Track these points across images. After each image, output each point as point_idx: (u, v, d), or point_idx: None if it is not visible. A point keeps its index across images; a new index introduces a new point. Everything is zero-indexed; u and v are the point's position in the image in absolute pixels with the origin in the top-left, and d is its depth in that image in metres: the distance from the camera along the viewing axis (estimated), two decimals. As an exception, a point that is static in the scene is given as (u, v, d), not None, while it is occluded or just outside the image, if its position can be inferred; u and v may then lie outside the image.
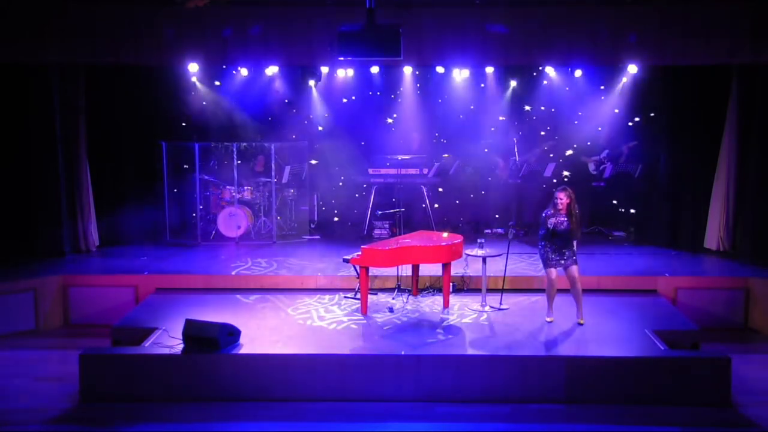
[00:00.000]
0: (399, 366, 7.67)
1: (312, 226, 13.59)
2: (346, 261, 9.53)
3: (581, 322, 8.69)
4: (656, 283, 10.13)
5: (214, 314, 8.63)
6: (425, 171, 13.49)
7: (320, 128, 13.84)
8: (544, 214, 8.65)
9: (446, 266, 9.32)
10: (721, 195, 11.63)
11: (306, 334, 8.46)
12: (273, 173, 12.77)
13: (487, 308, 9.30)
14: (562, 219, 8.55)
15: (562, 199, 8.57)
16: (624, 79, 12.72)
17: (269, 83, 13.38)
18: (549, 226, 8.54)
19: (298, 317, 9.08)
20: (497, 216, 13.51)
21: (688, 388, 7.50)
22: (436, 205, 13.28)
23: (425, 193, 13.16)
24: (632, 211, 12.73)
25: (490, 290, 9.52)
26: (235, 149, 12.64)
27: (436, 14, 10.44)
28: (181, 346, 7.90)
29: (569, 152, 13.29)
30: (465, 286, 10.08)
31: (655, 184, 12.42)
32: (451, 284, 9.57)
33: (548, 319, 8.79)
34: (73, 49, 10.36)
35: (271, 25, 10.49)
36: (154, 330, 8.45)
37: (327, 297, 9.89)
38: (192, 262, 11.26)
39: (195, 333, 7.86)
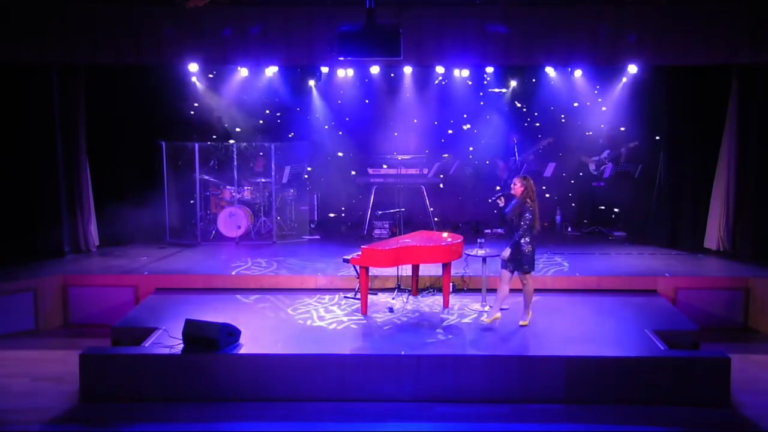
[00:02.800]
0: (399, 366, 7.67)
1: (312, 226, 13.59)
2: (346, 261, 9.53)
3: (486, 319, 8.62)
4: (656, 283, 10.12)
5: (214, 314, 8.63)
6: (425, 171, 13.50)
7: (325, 128, 13.85)
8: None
9: (446, 266, 9.33)
10: (721, 195, 11.63)
11: (306, 334, 8.46)
12: (273, 173, 12.77)
13: (487, 308, 9.30)
14: (511, 202, 8.44)
15: (516, 184, 8.46)
16: (624, 79, 12.73)
17: (269, 83, 13.38)
18: (499, 202, 8.46)
19: (298, 317, 9.08)
20: (497, 216, 13.52)
21: (688, 388, 7.50)
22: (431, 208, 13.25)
23: (425, 193, 13.17)
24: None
25: (490, 290, 9.51)
26: (235, 149, 12.65)
27: (436, 14, 10.43)
28: (181, 346, 7.90)
29: (547, 141, 13.32)
30: (465, 286, 10.08)
31: (655, 184, 12.42)
32: (451, 284, 9.57)
33: (487, 320, 8.63)
34: (73, 49, 10.35)
35: (271, 25, 10.47)
36: (154, 330, 8.45)
37: (327, 297, 9.89)
38: (192, 262, 11.26)
39: (195, 333, 7.86)
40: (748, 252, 11.26)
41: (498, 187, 8.47)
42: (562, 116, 13.49)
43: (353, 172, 13.76)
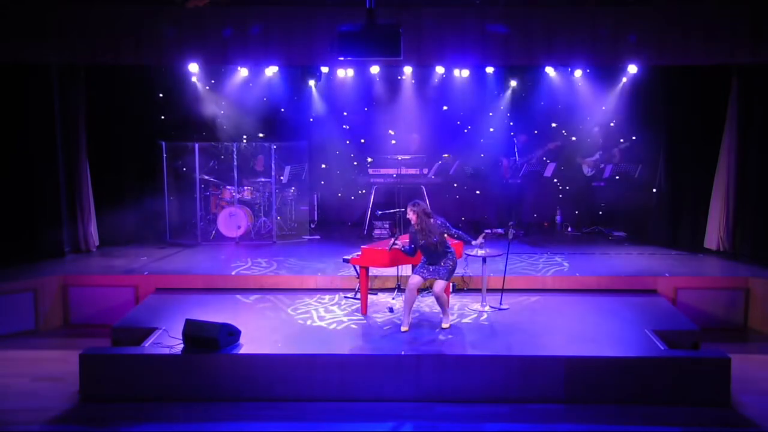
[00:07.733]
0: (399, 366, 7.66)
1: (312, 226, 13.60)
2: (346, 261, 9.52)
3: (444, 326, 8.54)
4: (656, 283, 10.12)
5: (214, 314, 8.62)
6: (425, 171, 13.51)
7: (325, 128, 13.86)
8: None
9: (446, 266, 9.31)
10: (721, 195, 11.62)
11: (306, 334, 8.46)
12: (273, 173, 12.76)
13: (487, 308, 9.30)
14: (421, 235, 8.44)
15: (409, 215, 8.52)
16: (624, 79, 12.73)
17: (269, 83, 13.38)
18: (398, 244, 8.56)
19: (298, 317, 9.08)
20: (497, 216, 13.53)
21: (688, 388, 7.50)
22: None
23: (425, 193, 13.17)
24: None
25: (490, 290, 9.51)
26: (235, 149, 12.65)
27: (436, 14, 10.43)
28: (181, 346, 7.90)
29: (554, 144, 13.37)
30: (465, 286, 10.08)
31: (655, 183, 12.42)
32: (451, 284, 9.56)
33: (403, 329, 8.46)
34: (73, 49, 10.35)
35: (271, 25, 10.48)
36: (154, 330, 8.45)
37: (327, 297, 9.89)
38: (192, 262, 11.26)
39: (195, 333, 7.86)
40: (748, 252, 11.25)
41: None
42: (579, 111, 13.42)
43: (373, 158, 13.73)
